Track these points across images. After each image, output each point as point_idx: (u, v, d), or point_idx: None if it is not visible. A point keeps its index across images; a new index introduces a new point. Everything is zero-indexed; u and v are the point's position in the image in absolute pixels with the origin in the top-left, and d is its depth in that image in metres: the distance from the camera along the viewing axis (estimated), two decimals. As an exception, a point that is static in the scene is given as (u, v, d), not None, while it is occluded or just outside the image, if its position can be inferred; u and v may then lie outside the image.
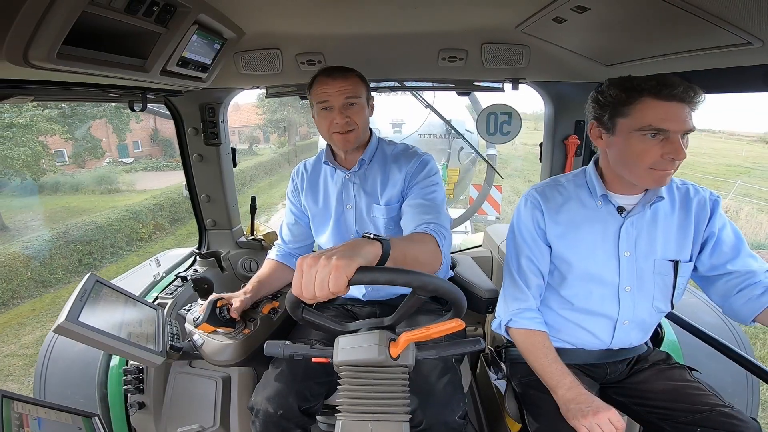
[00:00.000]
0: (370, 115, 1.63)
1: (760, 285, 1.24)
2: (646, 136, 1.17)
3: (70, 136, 15.61)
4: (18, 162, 12.78)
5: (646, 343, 1.51)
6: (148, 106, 1.75)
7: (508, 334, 1.44)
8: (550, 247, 1.41)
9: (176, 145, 2.35)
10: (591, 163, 1.40)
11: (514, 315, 1.39)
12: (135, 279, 2.20)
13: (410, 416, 1.04)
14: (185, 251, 2.51)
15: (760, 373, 1.40)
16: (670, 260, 1.33)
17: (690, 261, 1.34)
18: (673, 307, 1.40)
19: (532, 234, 1.41)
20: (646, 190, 1.31)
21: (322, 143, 1.88)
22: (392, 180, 1.62)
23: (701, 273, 1.35)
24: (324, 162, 1.68)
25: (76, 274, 10.46)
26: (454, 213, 6.53)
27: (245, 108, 30.85)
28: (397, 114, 6.79)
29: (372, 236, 0.96)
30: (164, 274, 2.14)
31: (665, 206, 1.34)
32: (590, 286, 1.37)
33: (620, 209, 1.33)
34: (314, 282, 0.82)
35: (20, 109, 12.03)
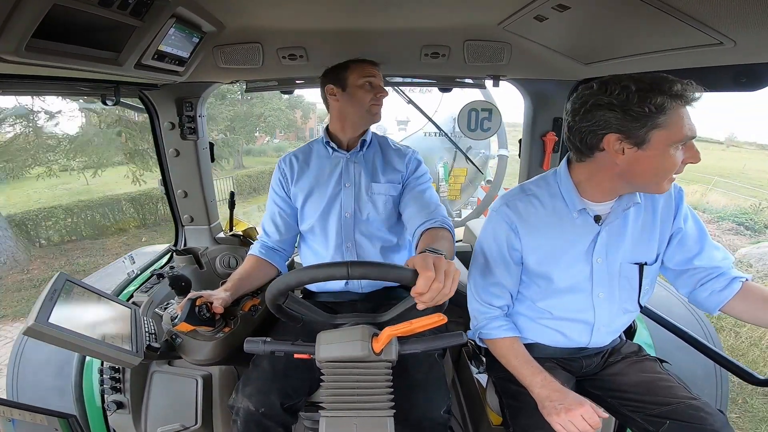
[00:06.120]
0: None
1: (722, 278, 1.27)
2: (679, 147, 1.10)
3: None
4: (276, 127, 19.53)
5: (619, 336, 1.54)
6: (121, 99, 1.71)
7: (482, 341, 1.46)
8: (522, 263, 1.37)
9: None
10: (563, 174, 1.31)
11: (482, 327, 1.40)
12: (109, 277, 2.14)
13: (394, 411, 1.04)
14: (161, 248, 2.46)
15: (727, 364, 1.45)
16: (635, 263, 1.32)
17: (656, 262, 1.34)
18: (641, 307, 1.41)
19: (504, 257, 1.36)
20: (621, 195, 1.27)
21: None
22: (393, 164, 1.75)
23: (668, 267, 1.36)
24: (326, 142, 1.75)
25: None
26: (462, 214, 6.44)
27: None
28: (402, 112, 6.67)
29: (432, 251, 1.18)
30: (139, 272, 2.10)
31: (634, 208, 1.30)
32: (568, 297, 1.36)
33: (597, 218, 1.29)
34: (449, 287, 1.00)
35: (281, 96, 17.62)
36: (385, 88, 1.71)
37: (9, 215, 10.00)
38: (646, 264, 1.32)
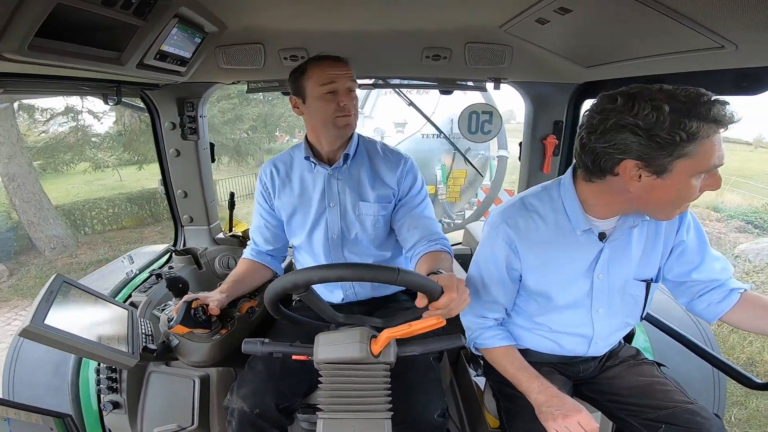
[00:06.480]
0: None
1: (720, 290, 1.26)
2: (702, 176, 1.00)
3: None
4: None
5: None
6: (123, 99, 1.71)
7: (477, 350, 1.45)
8: (520, 278, 1.33)
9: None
10: (569, 189, 1.21)
11: (477, 337, 1.39)
12: (108, 277, 2.14)
13: (392, 413, 1.04)
14: (160, 248, 2.45)
15: (725, 368, 1.45)
16: (642, 280, 1.28)
17: (658, 280, 1.31)
18: (641, 320, 1.40)
19: (503, 278, 1.32)
20: (627, 213, 1.20)
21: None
22: (383, 178, 1.59)
23: (667, 278, 1.33)
24: (305, 157, 1.57)
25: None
26: (465, 214, 6.40)
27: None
28: (399, 114, 6.60)
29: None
30: (137, 272, 2.09)
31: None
32: (567, 312, 1.32)
33: (601, 235, 1.22)
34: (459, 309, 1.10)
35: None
36: (355, 88, 1.49)
37: (57, 206, 10.69)
38: (652, 281, 1.29)
